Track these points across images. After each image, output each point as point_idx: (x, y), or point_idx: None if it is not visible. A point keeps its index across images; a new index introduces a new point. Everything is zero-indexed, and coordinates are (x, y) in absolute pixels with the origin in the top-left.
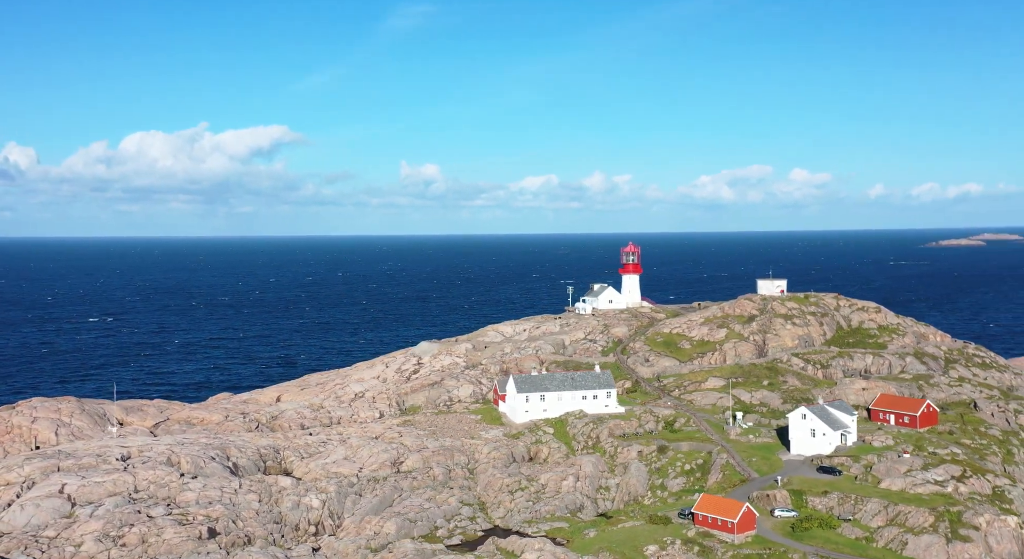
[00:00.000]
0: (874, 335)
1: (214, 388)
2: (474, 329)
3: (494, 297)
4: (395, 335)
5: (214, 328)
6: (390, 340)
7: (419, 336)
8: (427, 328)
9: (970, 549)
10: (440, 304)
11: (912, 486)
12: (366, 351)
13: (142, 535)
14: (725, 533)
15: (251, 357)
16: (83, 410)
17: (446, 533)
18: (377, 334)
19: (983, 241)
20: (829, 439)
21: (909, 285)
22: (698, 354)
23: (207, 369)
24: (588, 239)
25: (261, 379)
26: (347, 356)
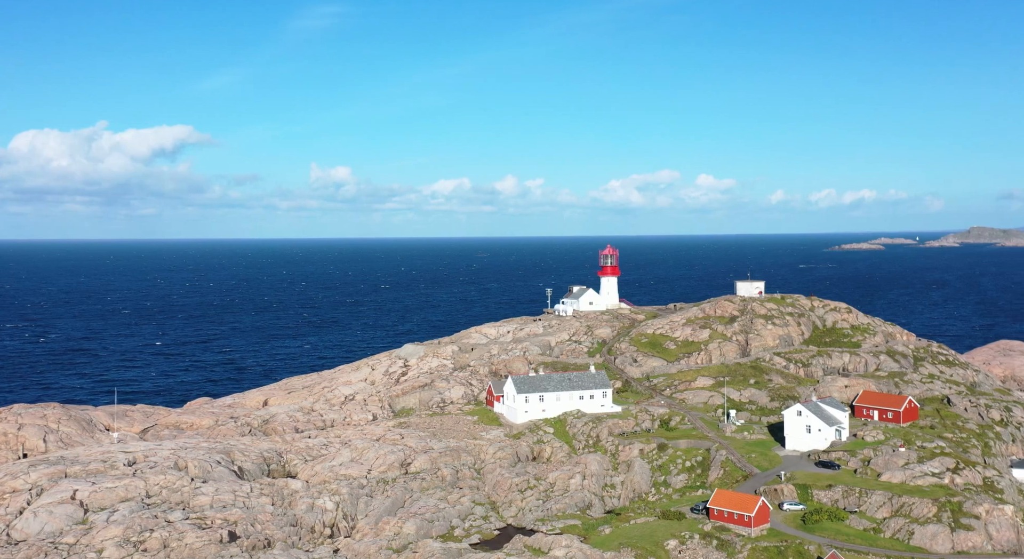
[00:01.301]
0: (848, 334)
1: (169, 394)
2: (421, 333)
3: (433, 301)
4: (340, 339)
5: (149, 333)
6: (337, 344)
7: (366, 340)
8: (373, 331)
9: (973, 537)
10: (373, 307)
11: (912, 478)
12: (311, 356)
13: (163, 540)
14: (742, 527)
15: (198, 363)
16: (70, 416)
17: (463, 533)
18: (320, 338)
19: (882, 245)
20: (825, 435)
21: (824, 287)
22: (684, 354)
23: (154, 376)
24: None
25: (214, 385)
26: (294, 361)
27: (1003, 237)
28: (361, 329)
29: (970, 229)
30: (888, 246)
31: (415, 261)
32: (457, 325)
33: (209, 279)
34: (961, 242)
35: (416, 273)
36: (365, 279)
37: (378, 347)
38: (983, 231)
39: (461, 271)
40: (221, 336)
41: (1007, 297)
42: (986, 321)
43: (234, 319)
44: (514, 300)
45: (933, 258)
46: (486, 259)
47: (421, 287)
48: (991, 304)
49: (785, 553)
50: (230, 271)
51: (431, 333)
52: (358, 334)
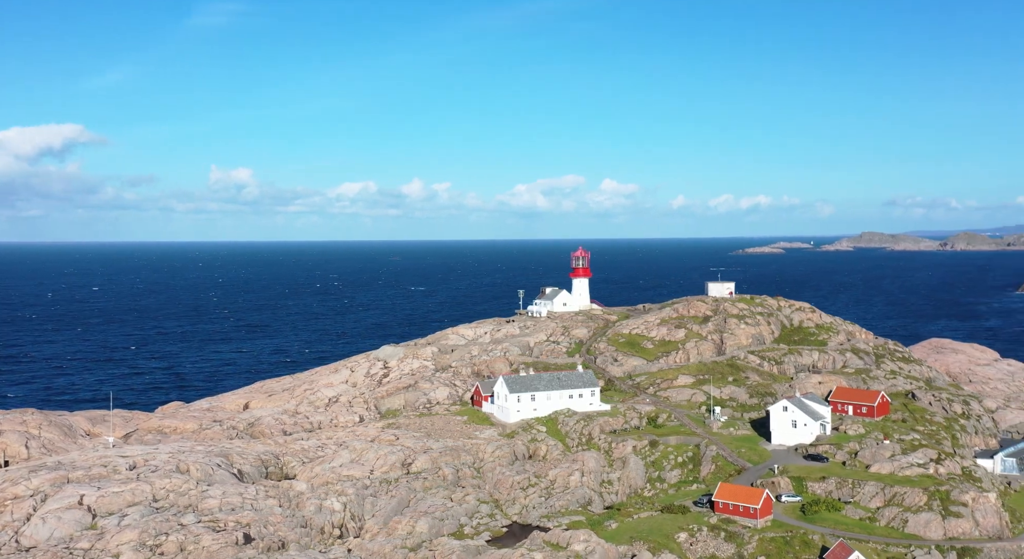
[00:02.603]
0: (814, 333)
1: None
2: (360, 335)
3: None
4: (278, 344)
5: (70, 339)
6: (279, 349)
7: (306, 343)
8: (307, 334)
9: (962, 524)
10: (299, 313)
11: (900, 469)
12: (251, 360)
13: (180, 543)
14: (747, 519)
15: (137, 369)
16: (50, 422)
17: (472, 531)
18: (254, 343)
19: (781, 249)
20: (810, 429)
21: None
22: (663, 353)
23: (95, 382)
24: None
25: (157, 392)
26: (234, 366)
27: (892, 241)
28: (293, 333)
29: (861, 234)
30: (787, 250)
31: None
32: (393, 326)
33: (117, 282)
34: (854, 246)
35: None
36: (279, 282)
37: (320, 352)
38: (873, 236)
39: (380, 274)
40: (149, 341)
41: (912, 298)
42: (898, 322)
43: (157, 324)
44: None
45: (832, 261)
46: (399, 262)
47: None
48: (899, 305)
49: (791, 543)
50: (136, 274)
51: (371, 335)
52: (289, 338)
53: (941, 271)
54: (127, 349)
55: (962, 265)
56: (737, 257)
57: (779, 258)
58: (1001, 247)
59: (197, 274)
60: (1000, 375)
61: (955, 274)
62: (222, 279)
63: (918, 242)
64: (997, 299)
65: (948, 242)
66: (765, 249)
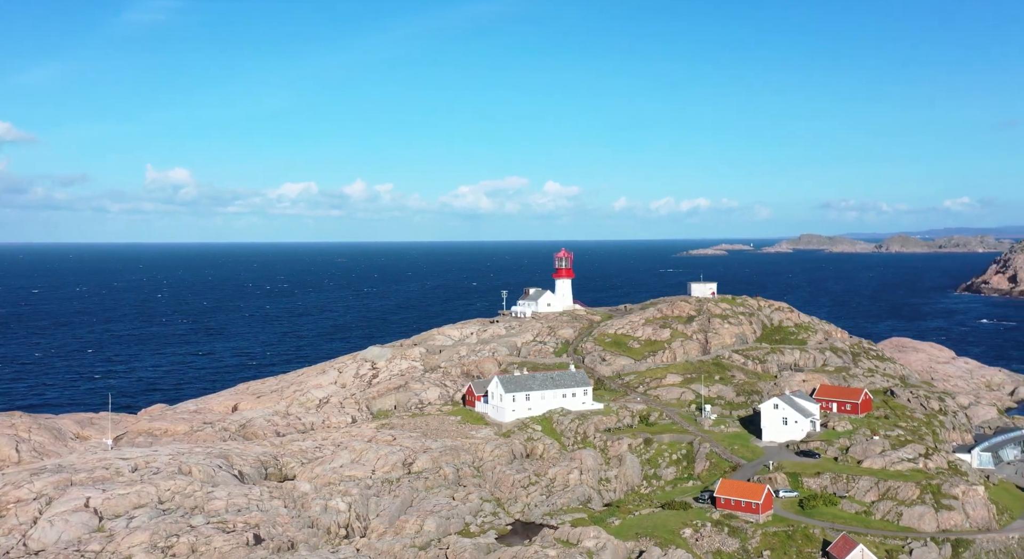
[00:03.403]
0: (794, 333)
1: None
2: (315, 338)
3: (312, 303)
4: (242, 346)
5: (17, 343)
6: (243, 351)
7: (260, 346)
8: (262, 336)
9: (954, 516)
10: (254, 315)
11: (891, 464)
12: (217, 364)
13: (191, 544)
14: (749, 514)
15: (97, 373)
16: (39, 425)
17: (478, 529)
18: (214, 346)
19: (724, 251)
20: (801, 426)
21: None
22: (650, 353)
23: (56, 386)
24: (357, 247)
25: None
26: (202, 370)
27: (829, 244)
28: (252, 335)
29: (800, 236)
30: (730, 252)
31: (277, 267)
32: (352, 328)
33: (56, 284)
34: (793, 248)
35: (281, 278)
36: (227, 284)
37: (283, 354)
38: (812, 238)
39: (329, 276)
40: (104, 344)
41: (857, 299)
42: (848, 322)
43: (107, 327)
44: (405, 304)
45: (774, 263)
46: (346, 264)
47: (296, 292)
48: (845, 306)
49: (793, 537)
50: (74, 276)
51: (331, 337)
52: (249, 340)
53: (880, 272)
54: (84, 353)
55: (899, 267)
56: (682, 259)
57: (723, 260)
58: (933, 249)
59: (139, 276)
60: (959, 373)
61: (894, 275)
62: (167, 281)
63: (854, 244)
64: (938, 300)
65: (883, 244)
66: (708, 251)
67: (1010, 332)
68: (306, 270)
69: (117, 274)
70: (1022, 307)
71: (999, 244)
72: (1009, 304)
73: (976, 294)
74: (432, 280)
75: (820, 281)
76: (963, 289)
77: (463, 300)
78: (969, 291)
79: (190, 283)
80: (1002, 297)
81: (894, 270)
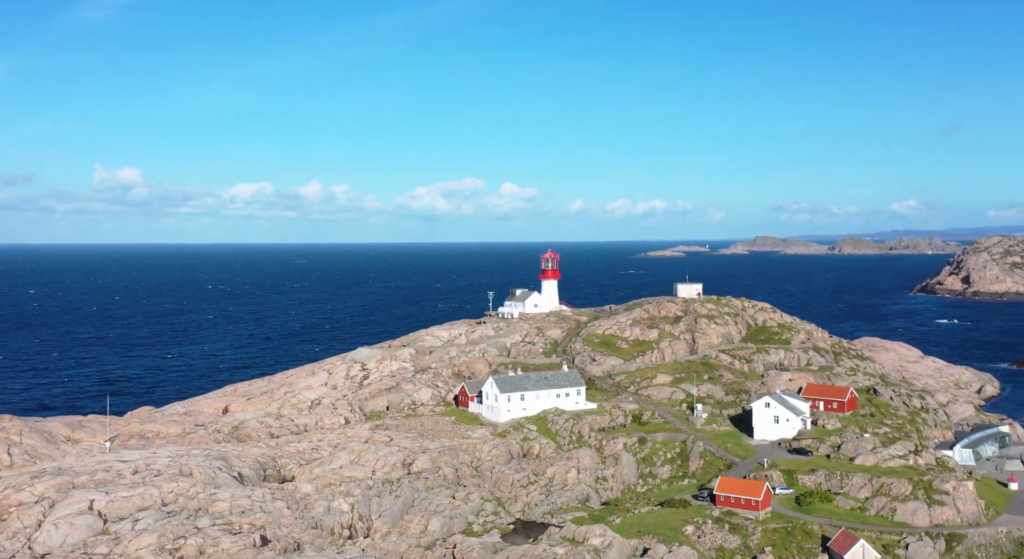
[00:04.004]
0: (777, 333)
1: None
2: (283, 340)
3: (275, 305)
4: (205, 349)
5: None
6: (214, 353)
7: (229, 349)
8: (230, 338)
9: (945, 511)
10: (218, 316)
11: (883, 461)
12: (186, 367)
13: (199, 546)
14: (749, 511)
15: (67, 377)
16: (30, 428)
17: (481, 528)
18: (182, 349)
19: (682, 252)
20: (792, 424)
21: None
22: (639, 353)
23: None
24: (312, 248)
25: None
26: (171, 374)
27: (784, 245)
28: (220, 337)
29: (755, 238)
30: (687, 253)
31: (235, 268)
32: (319, 330)
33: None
34: (749, 250)
35: (241, 280)
36: (186, 286)
37: (254, 356)
38: (766, 240)
39: (289, 277)
40: (67, 347)
41: (817, 300)
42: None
43: (68, 330)
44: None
45: (731, 264)
46: (305, 265)
47: (258, 294)
48: (806, 307)
49: (793, 533)
50: (23, 278)
51: (301, 338)
52: (217, 342)
53: (836, 274)
54: (48, 356)
55: (853, 268)
56: (641, 260)
57: (681, 261)
58: (884, 251)
59: (94, 278)
60: (928, 372)
61: (849, 277)
62: (123, 283)
63: (808, 246)
64: (895, 300)
65: (836, 246)
66: (666, 252)
67: (968, 332)
68: (265, 271)
69: (69, 276)
70: (975, 307)
71: (946, 246)
72: (963, 305)
73: (931, 295)
74: (394, 282)
75: (778, 282)
76: (918, 290)
77: (428, 302)
78: (924, 292)
79: (147, 285)
80: (955, 298)
81: (849, 271)
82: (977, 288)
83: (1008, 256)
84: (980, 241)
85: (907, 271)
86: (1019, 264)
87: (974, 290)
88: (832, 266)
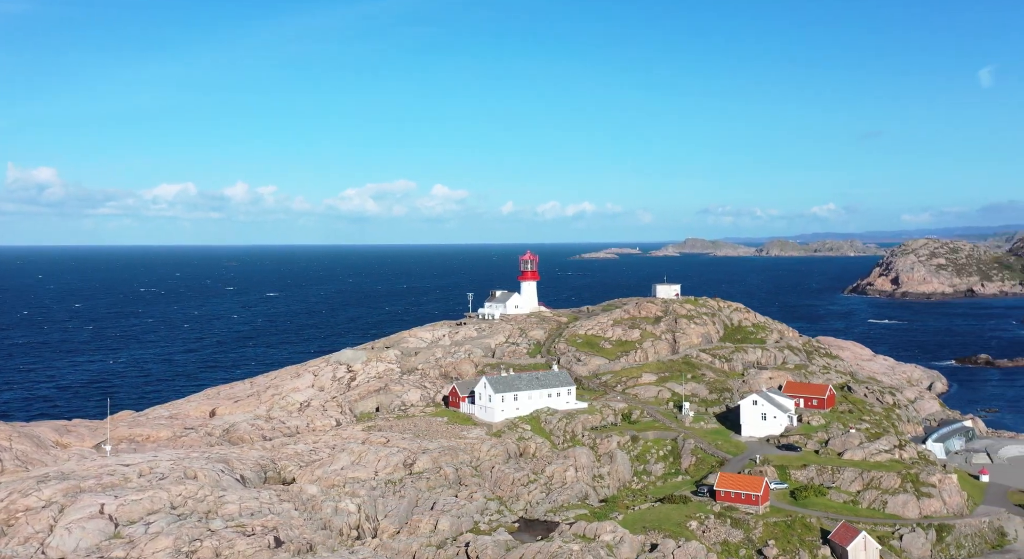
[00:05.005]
0: (753, 332)
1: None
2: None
3: (219, 309)
4: (154, 353)
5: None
6: (164, 357)
7: (181, 353)
8: (178, 343)
9: (933, 503)
10: (159, 320)
11: (870, 455)
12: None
13: (215, 548)
14: (749, 505)
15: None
16: (19, 433)
17: (487, 527)
18: (130, 353)
19: (615, 254)
20: (779, 421)
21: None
22: (622, 353)
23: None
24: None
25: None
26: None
27: (713, 247)
28: (168, 342)
29: (686, 240)
30: (620, 255)
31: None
32: (267, 334)
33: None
34: (680, 252)
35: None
36: (116, 289)
37: (209, 360)
38: (696, 242)
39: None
40: (8, 353)
41: (754, 302)
42: None
43: (6, 335)
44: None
45: (664, 266)
46: (237, 267)
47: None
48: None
49: (793, 526)
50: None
51: (252, 342)
52: (167, 346)
53: (768, 275)
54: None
55: (782, 269)
56: (576, 262)
57: (615, 263)
58: (809, 253)
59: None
60: (882, 370)
61: (781, 278)
62: (53, 287)
63: (736, 248)
64: (830, 301)
65: (764, 248)
66: (600, 254)
67: (904, 331)
68: (199, 274)
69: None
70: (906, 307)
71: (866, 248)
72: (893, 305)
73: (863, 295)
74: (332, 284)
75: (713, 283)
76: (850, 290)
77: (371, 305)
78: (856, 292)
79: (76, 288)
80: (885, 298)
81: (780, 273)
82: (906, 289)
83: (934, 258)
84: (907, 243)
85: (834, 272)
86: (944, 266)
87: (903, 291)
88: (762, 267)
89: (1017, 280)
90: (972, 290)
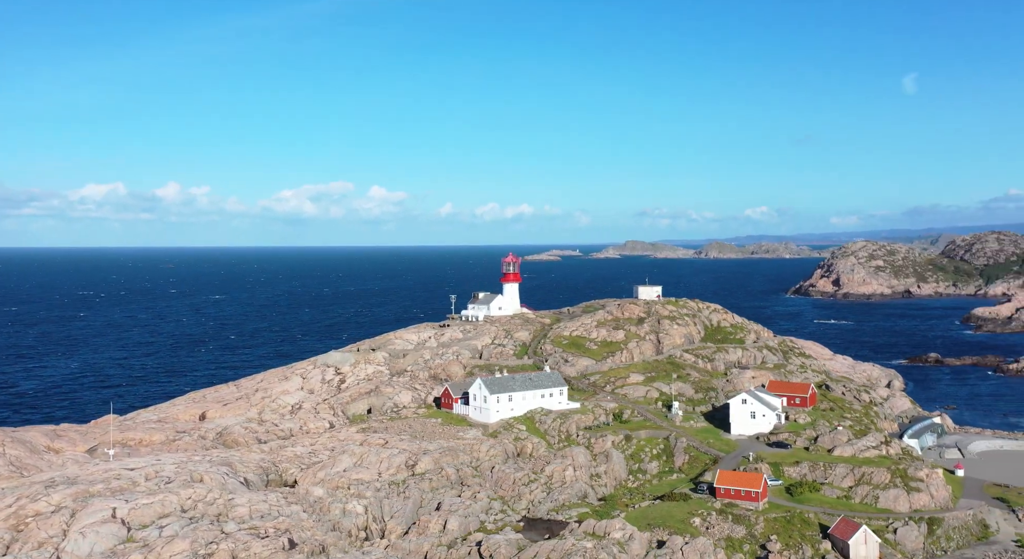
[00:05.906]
0: (732, 332)
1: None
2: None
3: (167, 312)
4: (108, 358)
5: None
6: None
7: (138, 357)
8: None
9: (922, 497)
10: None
11: (859, 452)
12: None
13: (231, 551)
14: (749, 502)
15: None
16: (11, 438)
17: (493, 526)
18: (83, 358)
19: (557, 256)
20: (768, 419)
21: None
22: (608, 353)
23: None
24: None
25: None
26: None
27: (653, 249)
28: (119, 347)
29: (626, 242)
30: (562, 257)
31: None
32: (222, 337)
33: None
34: (620, 254)
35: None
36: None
37: (167, 365)
38: (636, 244)
39: (163, 282)
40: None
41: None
42: None
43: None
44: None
45: (607, 268)
46: (176, 270)
47: (139, 301)
48: None
49: (793, 522)
50: None
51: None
52: (121, 350)
53: (710, 277)
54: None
55: (722, 271)
56: (521, 264)
57: (559, 265)
58: (746, 255)
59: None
60: (844, 369)
61: (723, 279)
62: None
63: (675, 250)
64: (774, 302)
65: (702, 250)
66: (543, 256)
67: (851, 331)
68: (139, 276)
69: None
70: (849, 308)
71: (800, 250)
72: (836, 306)
73: (805, 296)
74: (277, 286)
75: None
76: (792, 292)
77: (321, 308)
78: (798, 294)
79: (10, 291)
80: (827, 299)
81: (721, 274)
82: (847, 290)
83: (872, 260)
84: (847, 246)
85: (773, 274)
86: (882, 268)
87: (844, 292)
88: (702, 269)
89: (950, 281)
90: (909, 291)
